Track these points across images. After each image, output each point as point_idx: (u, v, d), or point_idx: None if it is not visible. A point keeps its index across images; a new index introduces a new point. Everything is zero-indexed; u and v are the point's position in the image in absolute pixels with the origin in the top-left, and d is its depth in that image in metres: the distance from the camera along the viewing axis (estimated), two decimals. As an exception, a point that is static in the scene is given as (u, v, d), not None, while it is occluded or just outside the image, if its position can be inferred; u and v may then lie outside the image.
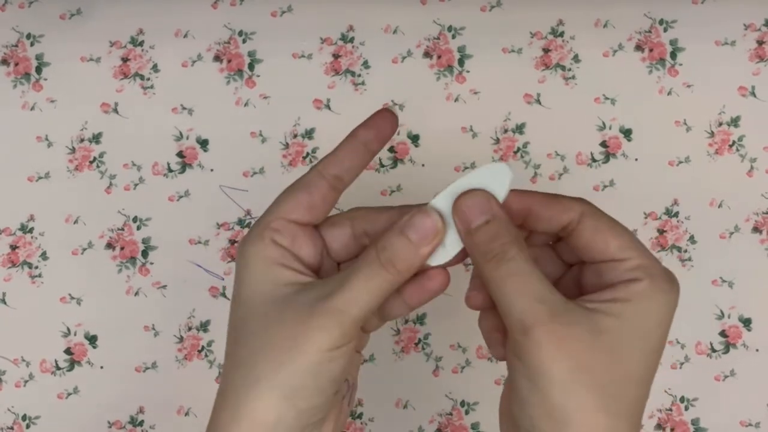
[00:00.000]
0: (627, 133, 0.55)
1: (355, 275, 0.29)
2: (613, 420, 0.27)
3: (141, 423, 0.55)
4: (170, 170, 0.56)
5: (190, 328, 0.56)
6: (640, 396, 0.28)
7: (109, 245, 0.56)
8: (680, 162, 0.55)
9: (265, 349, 0.29)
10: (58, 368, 0.55)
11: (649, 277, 0.29)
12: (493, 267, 0.29)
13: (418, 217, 0.30)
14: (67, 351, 0.55)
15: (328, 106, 0.56)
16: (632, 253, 0.29)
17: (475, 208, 0.30)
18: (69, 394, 0.55)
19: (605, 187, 0.55)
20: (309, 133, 0.56)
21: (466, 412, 0.54)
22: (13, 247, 0.56)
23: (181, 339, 0.55)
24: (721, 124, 0.55)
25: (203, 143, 0.56)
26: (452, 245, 0.31)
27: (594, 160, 0.55)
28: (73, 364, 0.55)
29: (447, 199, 0.31)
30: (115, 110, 0.57)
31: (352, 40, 0.57)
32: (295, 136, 0.56)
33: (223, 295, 0.55)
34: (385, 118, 0.32)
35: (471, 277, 0.33)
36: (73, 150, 0.57)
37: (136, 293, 0.56)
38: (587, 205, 0.30)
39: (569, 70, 0.56)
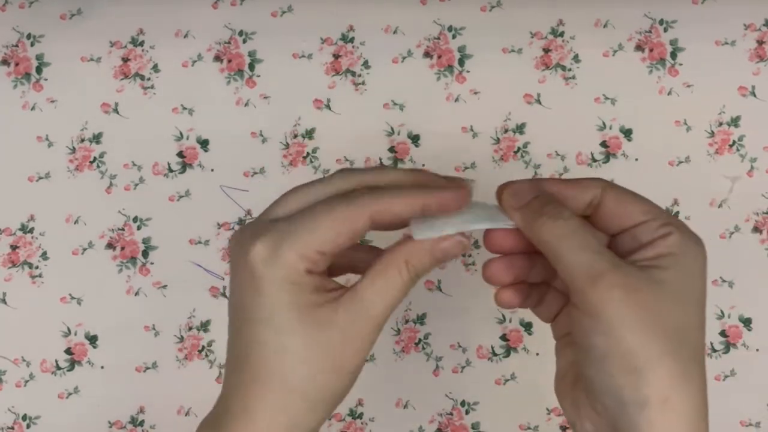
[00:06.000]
0: (627, 133, 0.55)
1: (392, 290, 0.31)
2: (684, 364, 0.29)
3: (141, 423, 0.55)
4: (170, 170, 0.56)
5: (190, 328, 0.56)
6: (701, 341, 0.30)
7: (110, 245, 0.56)
8: (680, 162, 0.55)
9: (311, 369, 0.30)
10: (59, 368, 0.55)
11: (678, 231, 0.31)
12: (550, 227, 0.31)
13: (449, 244, 0.32)
14: (68, 351, 0.56)
15: (328, 106, 0.56)
16: (656, 214, 0.31)
17: (523, 189, 0.32)
18: (69, 394, 0.55)
19: (605, 187, 0.55)
20: (309, 133, 0.56)
21: (467, 412, 0.54)
22: (14, 247, 0.56)
23: (182, 339, 0.55)
24: (721, 124, 0.55)
25: (203, 143, 0.56)
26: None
27: (594, 160, 0.55)
28: (73, 364, 0.55)
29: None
30: (116, 110, 0.57)
31: (352, 40, 0.57)
32: (296, 136, 0.56)
33: (224, 295, 0.56)
34: (456, 198, 0.32)
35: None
36: (74, 150, 0.57)
37: (137, 293, 0.56)
38: (605, 182, 0.33)
39: (569, 70, 0.56)
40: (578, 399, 0.32)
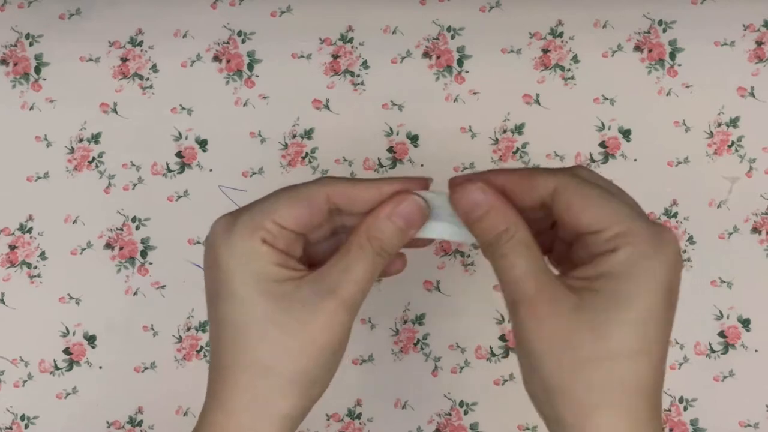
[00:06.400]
0: (626, 133, 0.55)
1: (354, 266, 0.31)
2: (600, 395, 0.28)
3: (140, 423, 0.55)
4: (169, 170, 0.56)
5: (189, 329, 0.56)
6: (634, 370, 0.28)
7: (108, 245, 0.56)
8: (679, 162, 0.55)
9: (278, 345, 0.30)
10: (57, 368, 0.55)
11: (627, 245, 0.28)
12: (491, 251, 0.30)
13: (405, 204, 0.32)
14: (66, 351, 0.55)
15: (327, 107, 0.56)
16: (609, 223, 0.28)
17: (473, 202, 0.31)
18: (68, 394, 0.55)
19: (604, 187, 0.55)
20: (308, 133, 0.56)
21: (465, 413, 0.54)
22: (12, 247, 0.56)
23: (180, 339, 0.55)
24: (720, 124, 0.55)
25: (202, 143, 0.56)
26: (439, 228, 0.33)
27: (593, 161, 0.55)
28: (71, 364, 0.55)
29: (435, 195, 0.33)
30: (114, 110, 0.57)
31: (351, 40, 0.57)
32: (294, 136, 0.56)
33: (222, 295, 0.55)
34: (412, 181, 0.33)
35: None
36: (72, 150, 0.57)
37: (135, 293, 0.56)
38: (563, 179, 0.30)
39: (568, 70, 0.56)
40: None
